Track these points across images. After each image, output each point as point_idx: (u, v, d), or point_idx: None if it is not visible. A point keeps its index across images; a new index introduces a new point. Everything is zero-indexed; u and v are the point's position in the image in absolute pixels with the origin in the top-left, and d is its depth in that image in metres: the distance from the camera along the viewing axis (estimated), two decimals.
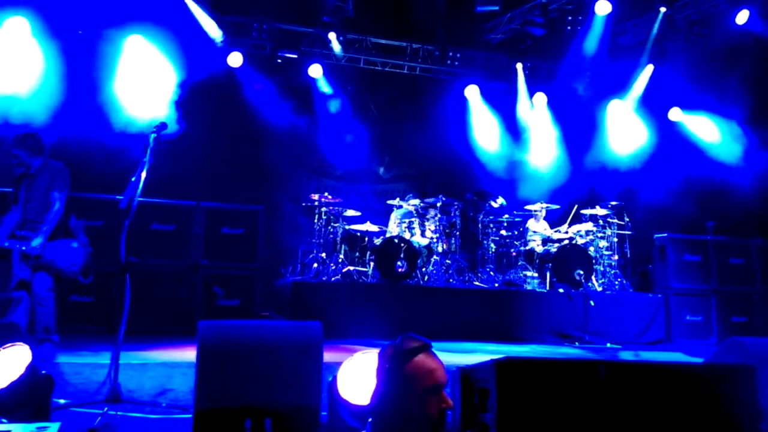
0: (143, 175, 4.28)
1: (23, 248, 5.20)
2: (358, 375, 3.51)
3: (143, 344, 6.26)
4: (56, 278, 5.36)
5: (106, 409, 3.74)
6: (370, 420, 2.18)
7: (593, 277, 8.85)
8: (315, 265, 8.63)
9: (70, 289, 5.38)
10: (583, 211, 9.37)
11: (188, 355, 3.64)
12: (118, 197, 4.48)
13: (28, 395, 3.16)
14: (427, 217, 9.17)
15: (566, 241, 9.02)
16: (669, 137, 11.02)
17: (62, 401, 3.93)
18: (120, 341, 4.03)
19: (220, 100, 9.94)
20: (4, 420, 2.87)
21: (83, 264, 5.37)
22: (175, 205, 7.90)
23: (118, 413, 3.77)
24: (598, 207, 9.20)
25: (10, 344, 3.23)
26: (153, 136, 4.47)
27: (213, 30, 9.86)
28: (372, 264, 8.52)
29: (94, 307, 6.92)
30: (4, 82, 8.21)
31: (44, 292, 5.29)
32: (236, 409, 3.51)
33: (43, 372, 3.31)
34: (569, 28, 10.39)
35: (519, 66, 11.48)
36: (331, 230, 8.94)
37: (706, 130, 10.76)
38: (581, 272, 8.50)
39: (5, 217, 5.40)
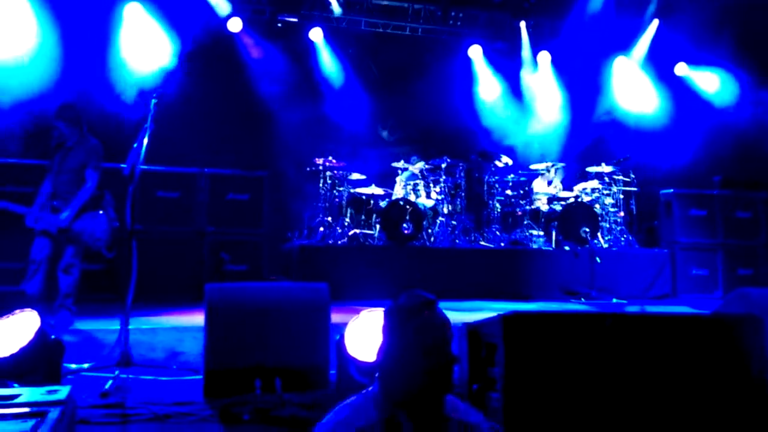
0: (145, 141, 4.28)
1: (53, 228, 5.27)
2: (364, 333, 3.54)
3: (153, 310, 6.34)
4: (83, 249, 5.44)
5: (117, 372, 3.80)
6: (376, 375, 2.20)
7: (599, 234, 8.85)
8: (321, 228, 8.65)
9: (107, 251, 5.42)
10: (589, 169, 9.32)
11: (197, 319, 3.68)
12: (121, 165, 4.46)
13: (38, 360, 3.20)
14: (432, 178, 9.13)
15: (572, 199, 9.00)
16: (675, 93, 10.88)
17: (73, 366, 3.99)
18: (128, 307, 4.07)
19: (220, 67, 9.84)
20: (15, 385, 2.91)
21: (108, 238, 5.45)
22: (179, 172, 7.90)
23: (130, 376, 3.83)
24: (603, 164, 9.14)
25: (18, 310, 3.26)
26: (153, 102, 4.45)
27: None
28: (378, 226, 8.54)
29: (104, 275, 6.96)
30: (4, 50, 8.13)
31: (71, 259, 5.37)
32: (246, 369, 3.56)
33: (53, 337, 3.35)
34: None
35: (522, 24, 11.28)
36: (337, 194, 8.93)
37: (713, 85, 10.61)
38: (587, 229, 8.49)
39: (41, 187, 5.43)
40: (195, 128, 9.06)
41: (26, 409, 2.34)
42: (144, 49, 9.20)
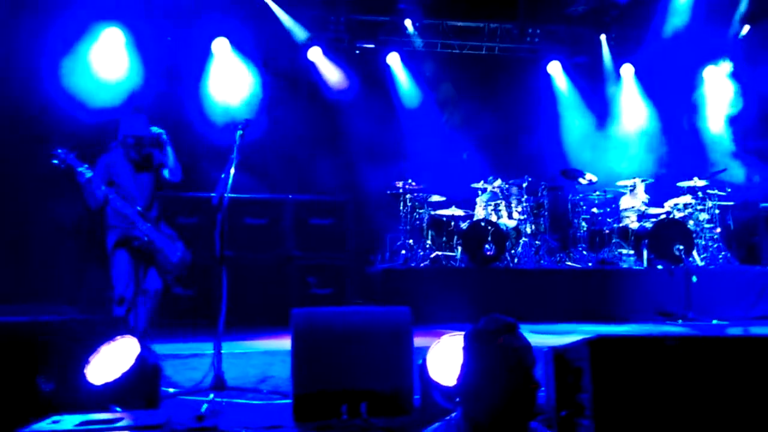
0: (232, 171, 4.46)
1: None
2: (447, 357, 3.52)
3: (243, 334, 6.55)
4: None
5: (212, 396, 3.94)
6: (457, 400, 2.19)
7: (694, 252, 8.43)
8: (403, 251, 8.70)
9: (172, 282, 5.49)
10: (680, 184, 8.93)
11: (286, 343, 3.78)
12: (210, 194, 4.67)
13: (139, 385, 3.37)
14: (513, 198, 9.01)
15: (663, 216, 8.64)
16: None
17: (171, 390, 4.18)
18: (221, 332, 4.23)
19: (302, 95, 10.18)
20: (117, 408, 3.08)
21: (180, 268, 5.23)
22: (265, 199, 8.18)
23: (223, 400, 3.97)
24: (696, 178, 8.74)
25: (120, 336, 3.45)
26: (239, 133, 4.63)
27: (295, 28, 10.09)
28: (459, 248, 8.49)
29: (195, 300, 7.27)
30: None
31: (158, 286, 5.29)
32: (332, 393, 3.62)
33: (152, 362, 3.52)
34: None
35: (603, 37, 11.03)
36: (417, 216, 8.97)
37: None
38: (681, 247, 8.12)
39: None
40: (280, 156, 9.38)
41: None
42: (231, 81, 9.63)
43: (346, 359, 3.68)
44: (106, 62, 8.79)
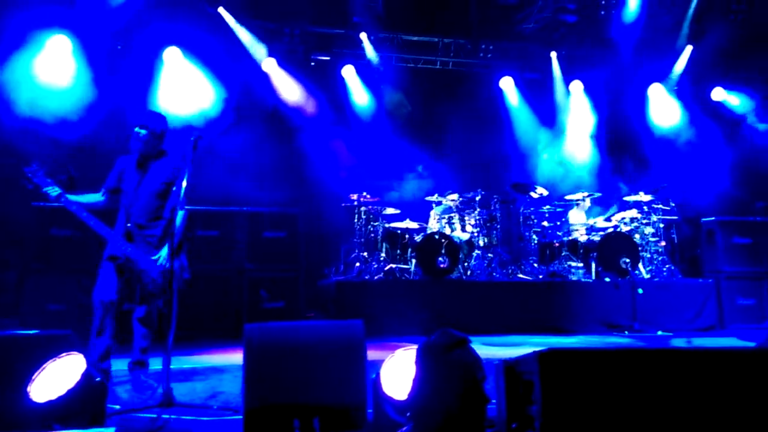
0: (184, 183, 4.39)
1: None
2: (400, 371, 3.52)
3: (193, 349, 6.42)
4: None
5: (159, 413, 3.85)
6: (408, 415, 2.20)
7: (640, 265, 8.68)
8: (357, 264, 8.70)
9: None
10: (626, 198, 9.20)
11: (237, 358, 3.72)
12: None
13: (84, 403, 3.27)
14: (467, 211, 9.13)
15: (610, 230, 8.88)
16: (711, 118, 10.72)
17: (117, 407, 4.06)
18: (170, 347, 4.13)
19: (257, 107, 10.08)
20: (58, 427, 2.97)
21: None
22: (218, 211, 8.06)
23: (172, 417, 3.88)
24: (641, 193, 9.02)
25: (65, 353, 3.34)
26: (191, 145, 4.56)
27: (250, 42, 10.03)
28: (413, 261, 8.54)
29: None
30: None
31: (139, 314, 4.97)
32: (285, 409, 3.57)
33: (98, 379, 3.42)
34: (603, 12, 10.23)
35: (553, 55, 11.33)
36: (372, 229, 8.99)
37: (748, 108, 10.44)
38: (627, 260, 8.36)
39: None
40: (234, 168, 9.26)
41: None
42: (183, 92, 9.49)
43: (299, 374, 3.65)
44: (52, 70, 8.56)
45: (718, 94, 10.95)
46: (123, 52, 9.32)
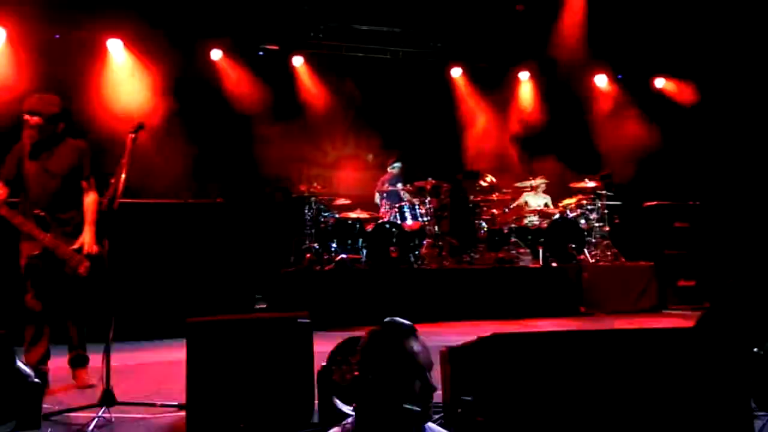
0: (123, 175, 4.26)
1: None
2: (347, 361, 3.52)
3: (137, 345, 6.28)
4: None
5: (100, 412, 3.75)
6: (353, 406, 2.19)
7: (585, 250, 8.88)
8: (308, 255, 8.64)
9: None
10: (572, 185, 9.39)
11: (181, 354, 3.65)
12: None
13: (18, 404, 3.16)
14: (417, 200, 9.16)
15: (557, 216, 9.05)
16: (650, 104, 11.00)
17: (56, 408, 3.94)
18: (110, 343, 4.02)
19: (203, 96, 9.86)
20: None
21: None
22: (164, 204, 7.86)
23: (113, 415, 3.78)
24: (586, 179, 9.21)
25: None
26: (132, 137, 4.43)
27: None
28: (364, 250, 8.53)
29: None
30: None
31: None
32: (229, 404, 3.53)
33: (32, 380, 3.31)
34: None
35: (503, 44, 11.40)
36: (322, 219, 8.94)
37: (684, 94, 10.78)
38: (573, 245, 8.54)
39: None
40: (181, 160, 9.06)
41: None
42: (125, 82, 9.22)
43: (244, 369, 3.60)
44: None
45: (658, 81, 11.25)
46: (62, 42, 8.99)
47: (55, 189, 4.66)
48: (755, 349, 3.12)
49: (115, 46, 9.38)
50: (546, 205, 9.63)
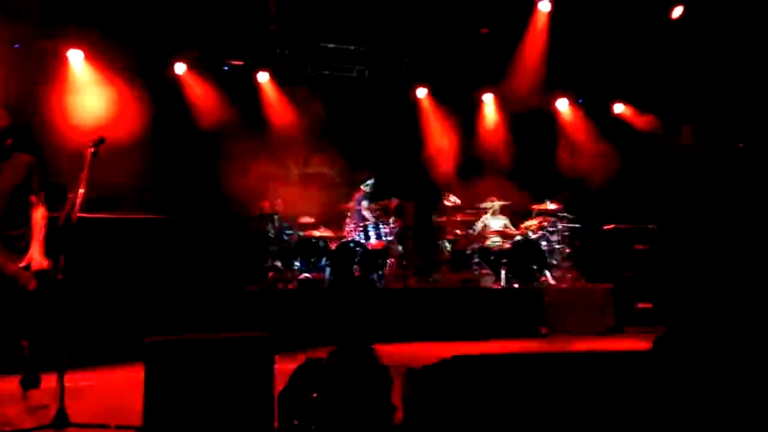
0: (81, 190, 4.17)
1: None
2: (308, 381, 3.48)
3: (93, 365, 6.11)
4: None
5: None
6: (313, 428, 2.17)
7: (547, 271, 9.00)
8: (270, 273, 8.56)
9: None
10: (533, 207, 9.54)
11: (138, 374, 3.56)
12: (54, 215, 4.36)
13: None
14: (382, 219, 9.18)
15: (519, 237, 9.16)
16: (608, 129, 11.28)
17: (6, 428, 3.81)
18: (64, 362, 3.91)
19: (165, 111, 9.75)
20: None
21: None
22: (123, 219, 7.70)
23: None
24: (547, 202, 9.36)
25: None
26: (91, 151, 4.35)
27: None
28: (328, 269, 8.49)
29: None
30: None
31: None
32: (188, 425, 3.45)
33: None
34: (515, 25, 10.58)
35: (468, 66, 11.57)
36: (286, 237, 8.88)
37: (641, 121, 11.10)
38: (535, 267, 8.65)
39: None
40: (141, 175, 8.92)
41: None
42: (86, 94, 9.07)
43: (203, 390, 3.53)
44: None
45: (617, 107, 11.55)
46: (21, 52, 8.81)
47: (3, 206, 4.57)
48: None
49: (75, 57, 9.24)
50: (505, 226, 9.74)
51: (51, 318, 4.48)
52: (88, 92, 9.11)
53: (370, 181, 9.70)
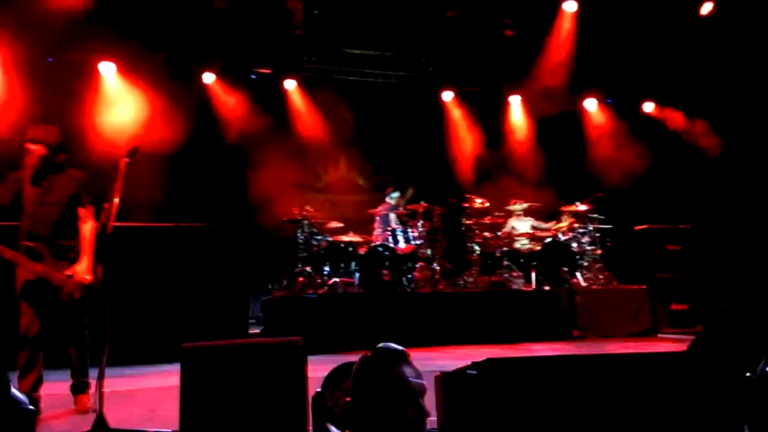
0: (116, 199, 4.26)
1: None
2: (340, 386, 3.51)
3: (130, 370, 6.22)
4: None
5: None
6: None
7: (578, 273, 8.90)
8: (300, 279, 8.61)
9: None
10: (563, 208, 9.45)
11: (175, 379, 3.62)
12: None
13: (7, 430, 3.12)
14: (410, 224, 9.18)
15: (549, 239, 9.09)
16: (642, 129, 11.12)
17: None
18: (103, 368, 3.99)
19: (196, 120, 9.89)
20: None
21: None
22: (156, 228, 7.84)
23: None
24: (578, 203, 9.27)
25: None
26: (125, 161, 4.44)
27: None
28: (357, 274, 8.52)
29: None
30: None
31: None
32: (223, 429, 3.50)
33: (25, 408, 3.27)
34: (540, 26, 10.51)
35: (494, 68, 11.53)
36: (315, 243, 8.93)
37: (676, 121, 10.92)
38: (566, 268, 8.56)
39: None
40: (173, 184, 9.07)
41: None
42: (118, 106, 9.26)
43: (238, 394, 3.58)
44: None
45: (648, 106, 11.39)
46: (55, 66, 9.03)
47: (55, 218, 4.71)
48: (748, 374, 3.13)
49: (107, 69, 9.44)
50: (533, 227, 9.66)
51: (94, 325, 4.59)
52: (120, 103, 9.28)
53: (395, 194, 9.70)
